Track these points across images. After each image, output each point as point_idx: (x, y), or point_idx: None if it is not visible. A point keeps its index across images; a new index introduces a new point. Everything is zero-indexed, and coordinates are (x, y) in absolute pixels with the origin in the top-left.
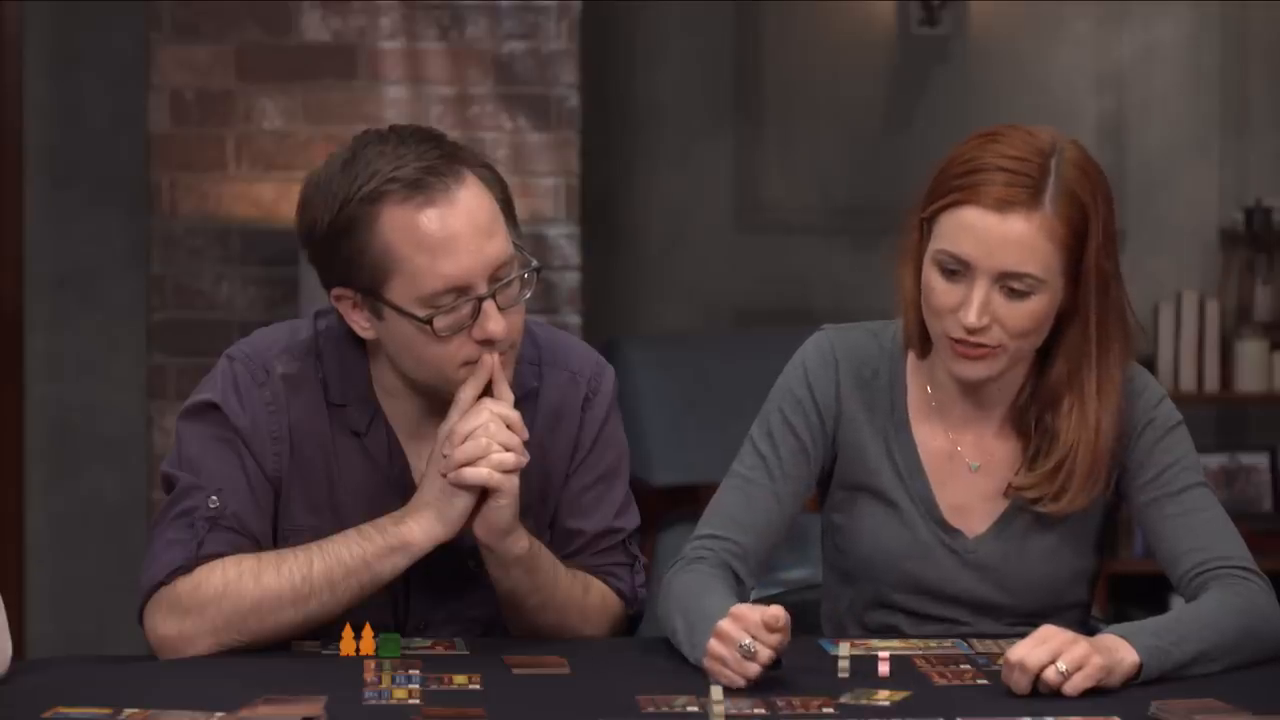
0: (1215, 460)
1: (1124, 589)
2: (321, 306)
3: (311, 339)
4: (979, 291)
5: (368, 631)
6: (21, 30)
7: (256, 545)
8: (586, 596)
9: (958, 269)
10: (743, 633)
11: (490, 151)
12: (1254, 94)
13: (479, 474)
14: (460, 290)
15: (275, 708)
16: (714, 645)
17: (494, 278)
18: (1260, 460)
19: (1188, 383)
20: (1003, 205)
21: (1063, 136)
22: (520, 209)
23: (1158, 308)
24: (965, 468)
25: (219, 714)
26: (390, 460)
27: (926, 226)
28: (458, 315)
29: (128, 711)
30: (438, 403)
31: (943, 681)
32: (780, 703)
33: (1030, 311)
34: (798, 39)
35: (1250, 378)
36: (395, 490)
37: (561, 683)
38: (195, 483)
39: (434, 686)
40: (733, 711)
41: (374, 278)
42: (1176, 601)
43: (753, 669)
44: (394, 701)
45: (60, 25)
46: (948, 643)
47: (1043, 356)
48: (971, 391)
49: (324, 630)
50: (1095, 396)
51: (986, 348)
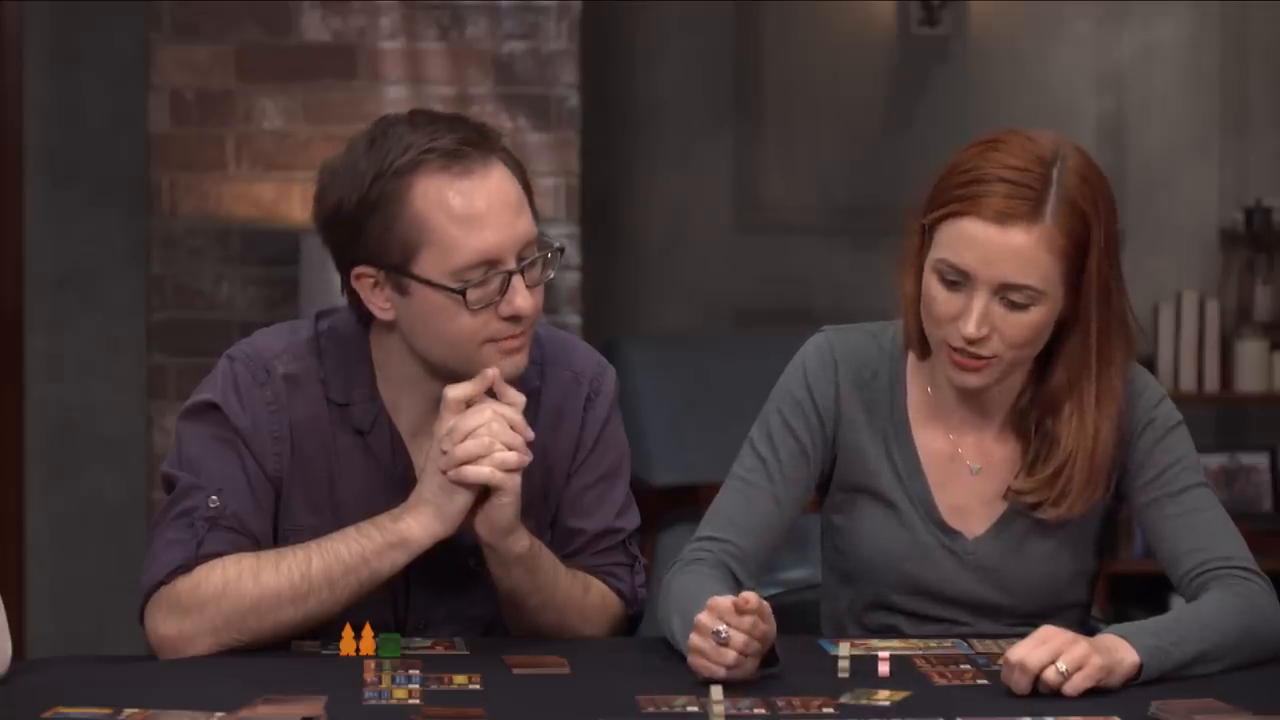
0: (1215, 460)
1: (1124, 589)
2: (322, 307)
3: (312, 338)
4: (978, 302)
5: (368, 631)
6: (21, 30)
7: (257, 545)
8: (586, 596)
9: (957, 279)
10: (716, 620)
11: None
12: (1254, 94)
13: (481, 472)
14: (491, 264)
15: (275, 708)
16: (693, 638)
17: (521, 255)
18: (1260, 460)
19: (1188, 383)
20: (1003, 217)
21: (1065, 142)
22: None
23: (1158, 308)
24: (965, 469)
25: (219, 714)
26: (393, 459)
27: (927, 233)
28: (488, 289)
29: (128, 711)
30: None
31: (943, 681)
32: (780, 703)
33: (1030, 322)
34: (798, 39)
35: (1250, 378)
36: (397, 489)
37: (561, 683)
38: (195, 483)
39: (434, 686)
40: (733, 711)
41: (403, 252)
42: (1176, 601)
43: (729, 655)
44: (394, 701)
45: (60, 25)
46: (948, 643)
47: (1044, 361)
48: (972, 395)
49: (324, 630)
50: (1095, 405)
51: (984, 359)
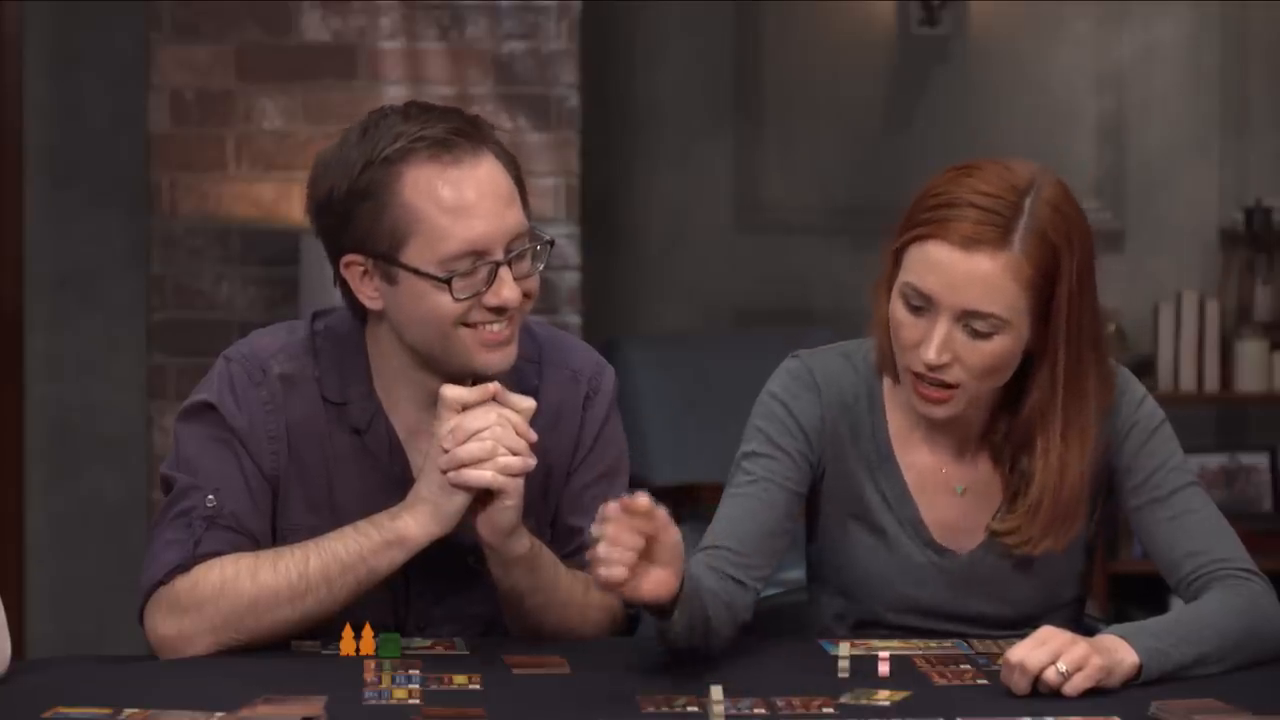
0: (1215, 460)
1: (1124, 589)
2: (320, 307)
3: (308, 338)
4: (940, 328)
5: (368, 631)
6: (21, 30)
7: (255, 544)
8: (587, 596)
9: (921, 304)
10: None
11: None
12: (1254, 94)
13: (483, 476)
14: (478, 254)
15: (275, 708)
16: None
17: (509, 247)
18: (1260, 460)
19: (1188, 383)
20: (969, 243)
21: (1044, 173)
22: None
23: (1158, 308)
24: (951, 489)
25: (219, 714)
26: (390, 458)
27: (898, 256)
28: (474, 279)
29: (128, 711)
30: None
31: (943, 681)
32: (780, 703)
33: (993, 351)
34: (798, 39)
35: (1250, 378)
36: (395, 488)
37: (561, 683)
38: (193, 483)
39: (434, 686)
40: (732, 711)
41: (391, 240)
42: (1176, 602)
43: (599, 555)
44: (394, 701)
45: (60, 25)
46: (948, 643)
47: (1018, 393)
48: (946, 420)
49: (324, 630)
50: (1060, 441)
51: (948, 388)
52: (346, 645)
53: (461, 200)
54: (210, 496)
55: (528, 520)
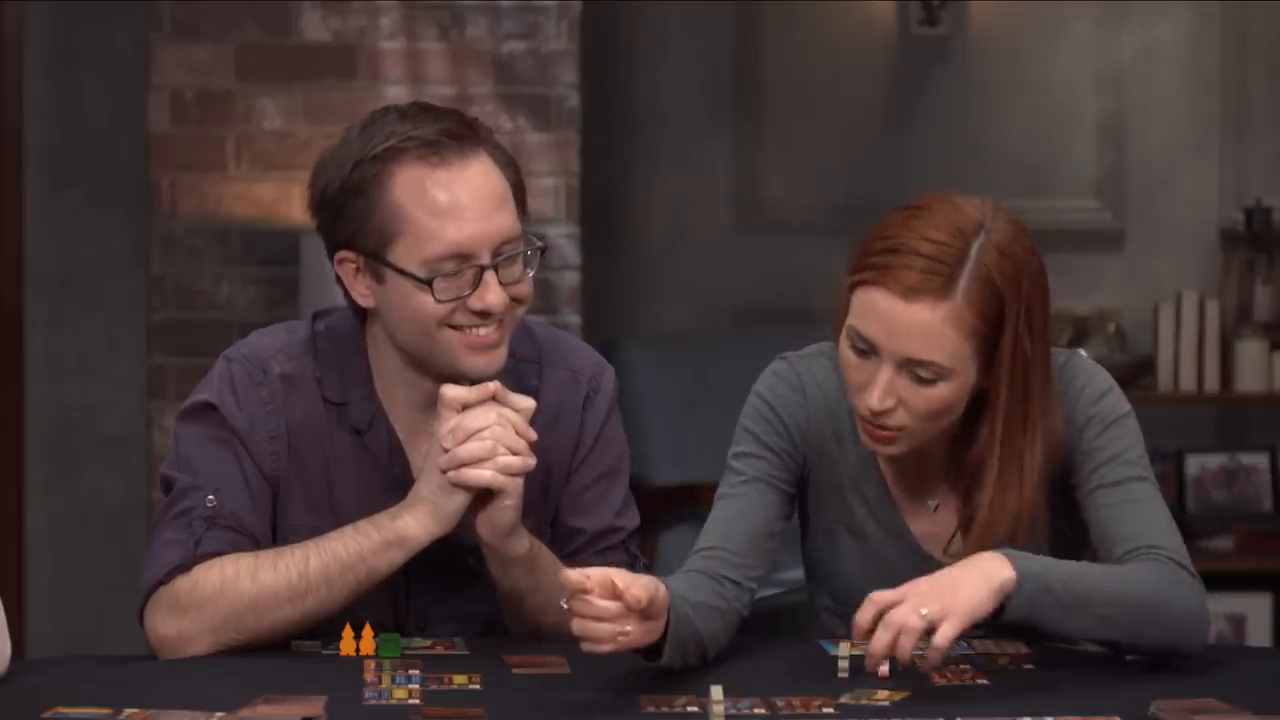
0: (1215, 460)
1: None
2: (320, 307)
3: (309, 338)
4: (883, 375)
5: (368, 631)
6: (21, 30)
7: (255, 544)
8: None
9: (866, 348)
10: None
11: None
12: (1254, 94)
13: (483, 476)
14: (464, 257)
15: (275, 708)
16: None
17: (497, 251)
18: (1260, 460)
19: (1188, 383)
20: (910, 293)
21: (996, 214)
22: None
23: (1158, 308)
24: (926, 504)
25: (219, 714)
26: (390, 458)
27: (849, 294)
28: (458, 281)
29: (128, 711)
30: (437, 391)
31: (943, 681)
32: (780, 703)
33: (936, 397)
34: (798, 39)
35: (1250, 378)
36: (395, 488)
37: (561, 683)
38: (193, 483)
39: (434, 686)
40: (732, 711)
41: (380, 239)
42: None
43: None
44: (394, 701)
45: (60, 25)
46: None
47: (971, 423)
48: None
49: (324, 630)
50: (997, 486)
51: (891, 430)
52: (346, 645)
53: (448, 202)
54: (210, 496)
55: (527, 520)
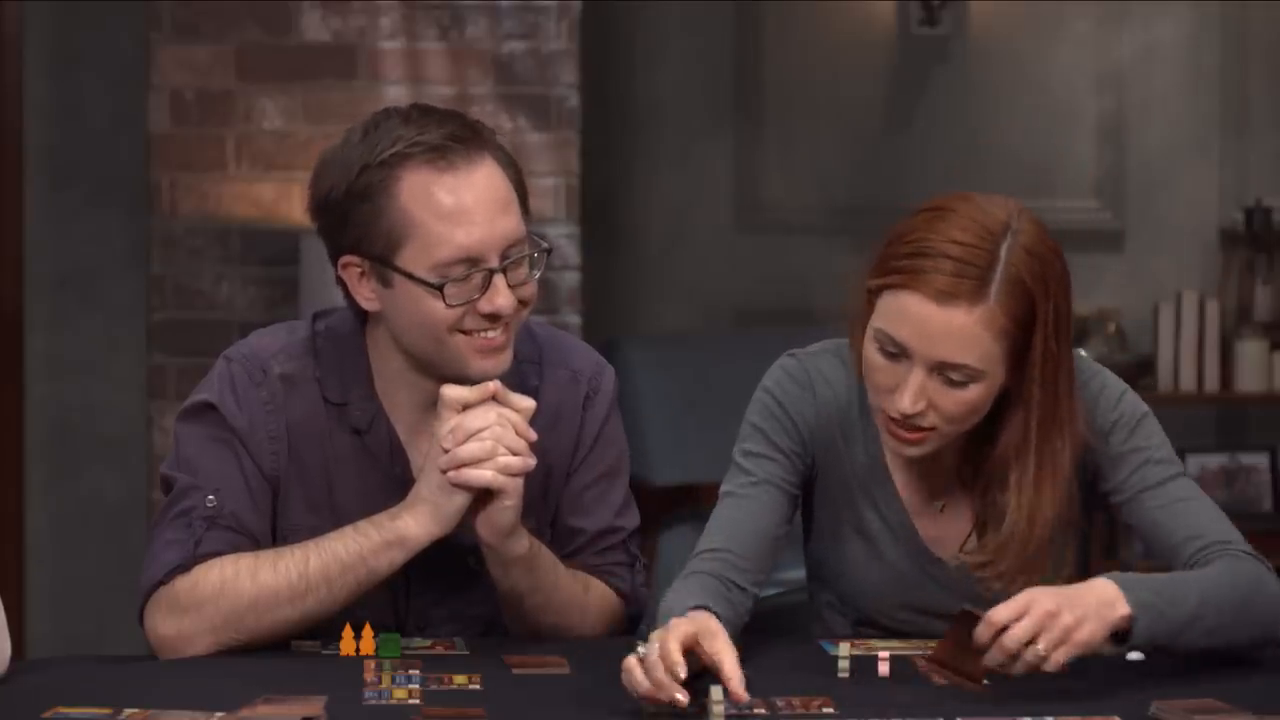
0: (1215, 460)
1: None
2: (320, 308)
3: (309, 339)
4: (915, 378)
5: (368, 631)
6: (21, 30)
7: (255, 544)
8: (587, 596)
9: (896, 351)
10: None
11: None
12: (1254, 94)
13: (483, 476)
14: (473, 261)
15: (275, 708)
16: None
17: (505, 254)
18: (1260, 460)
19: (1188, 383)
20: (944, 297)
21: (1019, 212)
22: None
23: (1158, 308)
24: (933, 505)
25: (219, 714)
26: (391, 458)
27: (872, 296)
28: (468, 285)
29: (128, 711)
30: (438, 392)
31: (943, 681)
32: (780, 703)
33: (967, 399)
34: (798, 39)
35: (1250, 378)
36: (395, 488)
37: (561, 682)
38: (193, 483)
39: (434, 686)
40: (732, 712)
41: (387, 244)
42: None
43: (637, 680)
44: (394, 701)
45: (60, 25)
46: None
47: (989, 425)
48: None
49: (324, 630)
50: (1033, 486)
51: (920, 430)
52: (346, 645)
53: (456, 207)
54: (210, 496)
55: (527, 520)
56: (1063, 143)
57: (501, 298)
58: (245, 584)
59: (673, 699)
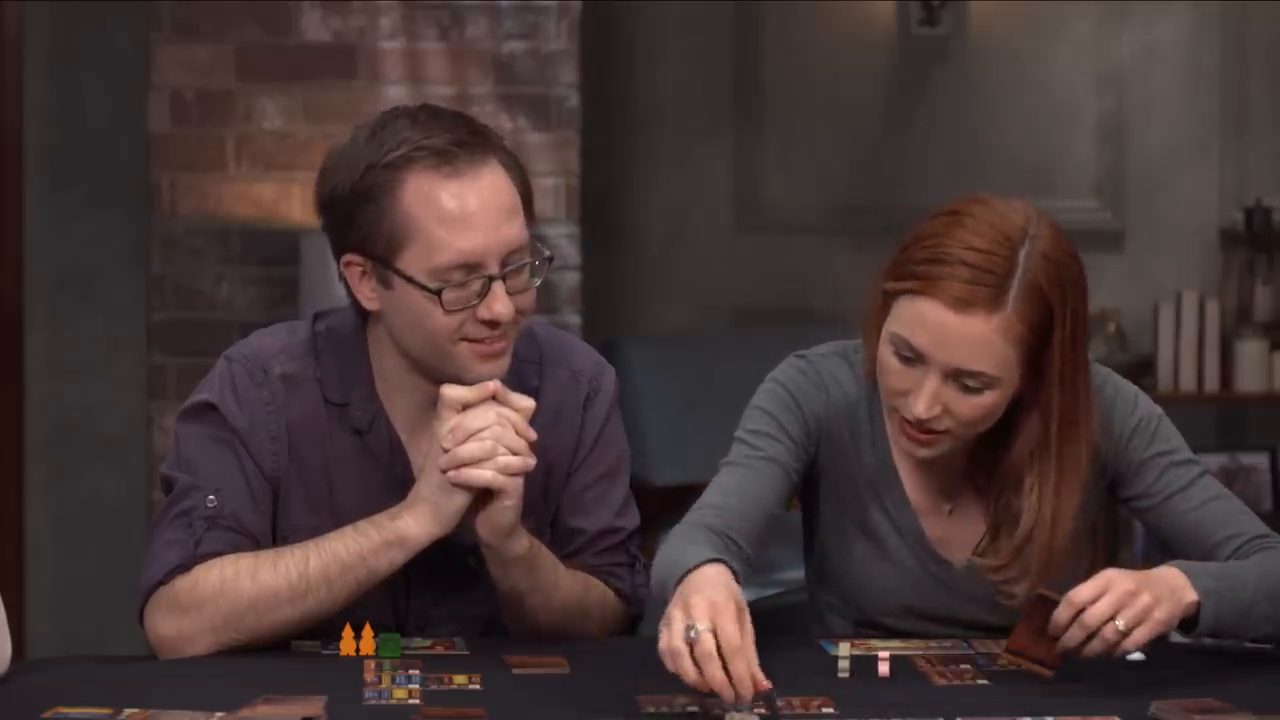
0: (1215, 460)
1: None
2: (320, 308)
3: (309, 339)
4: (930, 384)
5: (368, 631)
6: (21, 30)
7: (256, 545)
8: (587, 596)
9: (911, 355)
10: (703, 617)
11: None
12: (1254, 94)
13: (483, 476)
14: (472, 267)
15: (275, 708)
16: (674, 610)
17: (505, 260)
18: (1260, 460)
19: (1188, 383)
20: (962, 304)
21: (1037, 217)
22: None
23: (1158, 308)
24: (942, 507)
25: (219, 714)
26: (391, 458)
27: (889, 298)
28: (466, 291)
29: (128, 711)
30: (438, 392)
31: (943, 681)
32: (780, 703)
33: (982, 404)
34: (798, 39)
35: (1250, 378)
36: (395, 488)
37: (561, 682)
38: (193, 483)
39: (434, 686)
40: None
41: (389, 245)
42: None
43: (689, 669)
44: (394, 701)
45: (60, 25)
46: (948, 643)
47: (1001, 430)
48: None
49: (324, 630)
50: (1054, 492)
51: (934, 433)
52: (346, 645)
53: (458, 212)
54: (211, 496)
55: (528, 520)
56: (1063, 143)
57: (500, 304)
58: (245, 584)
59: (748, 692)
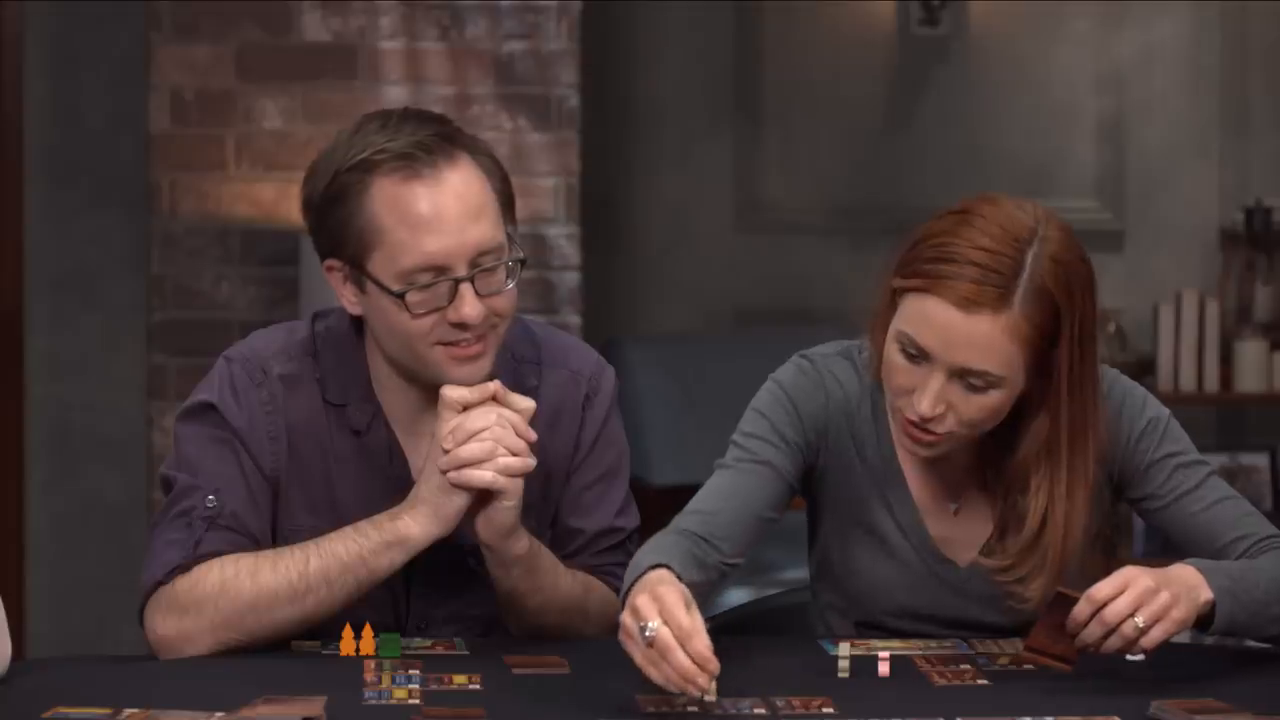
0: (1215, 460)
1: None
2: (320, 308)
3: (309, 339)
4: (935, 382)
5: (368, 631)
6: (21, 30)
7: (255, 545)
8: (587, 597)
9: (917, 354)
10: (653, 614)
11: None
12: (1254, 94)
13: (484, 477)
14: (438, 270)
15: (275, 708)
16: (624, 617)
17: (474, 262)
18: (1260, 460)
19: (1188, 383)
20: (968, 304)
21: (1046, 219)
22: (520, 209)
23: (1158, 308)
24: (947, 503)
25: (219, 714)
26: (390, 459)
27: (896, 295)
28: (433, 294)
29: (128, 711)
30: (434, 395)
31: (943, 681)
32: (780, 703)
33: (987, 404)
34: (798, 39)
35: (1250, 378)
36: (395, 489)
37: (561, 683)
38: (193, 483)
39: (434, 686)
40: (732, 712)
41: (358, 249)
42: None
43: (665, 671)
44: (394, 701)
45: (60, 25)
46: (948, 643)
47: (1008, 429)
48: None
49: (324, 630)
50: (1065, 494)
51: (936, 434)
52: (346, 645)
53: (422, 215)
54: (211, 496)
55: (528, 521)
56: (1063, 143)
57: (468, 307)
58: (245, 584)
59: (713, 669)
